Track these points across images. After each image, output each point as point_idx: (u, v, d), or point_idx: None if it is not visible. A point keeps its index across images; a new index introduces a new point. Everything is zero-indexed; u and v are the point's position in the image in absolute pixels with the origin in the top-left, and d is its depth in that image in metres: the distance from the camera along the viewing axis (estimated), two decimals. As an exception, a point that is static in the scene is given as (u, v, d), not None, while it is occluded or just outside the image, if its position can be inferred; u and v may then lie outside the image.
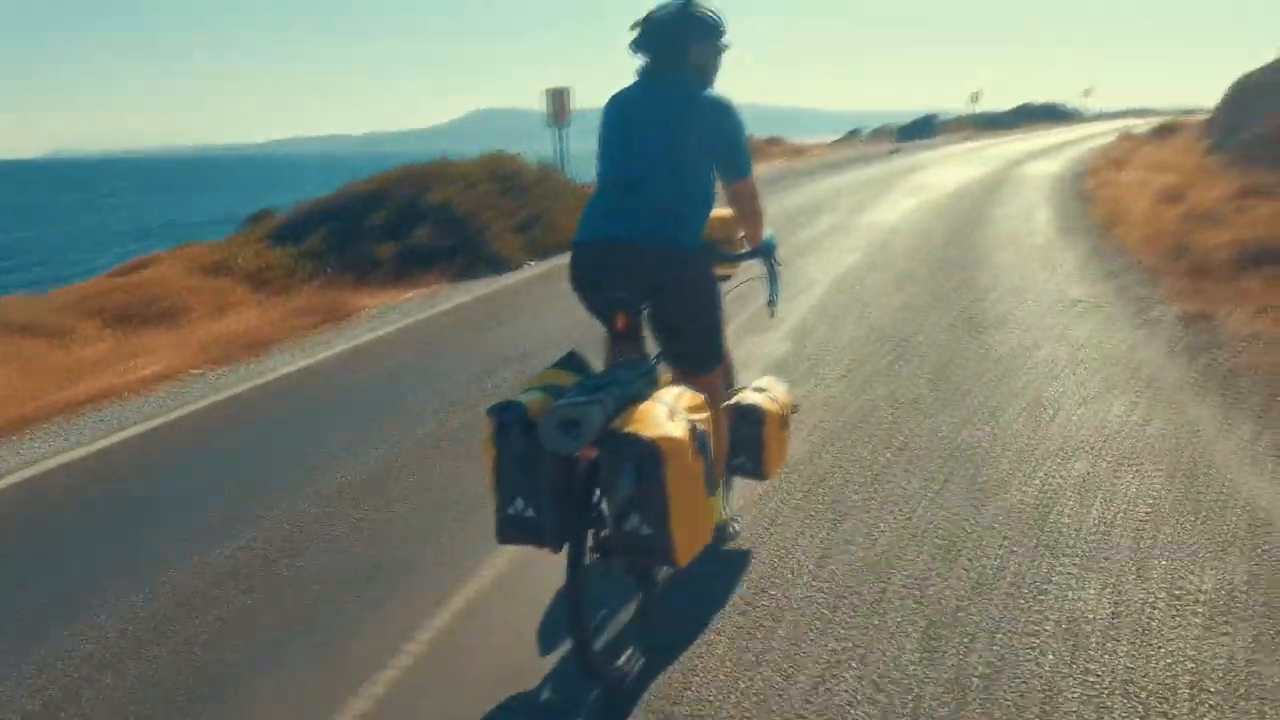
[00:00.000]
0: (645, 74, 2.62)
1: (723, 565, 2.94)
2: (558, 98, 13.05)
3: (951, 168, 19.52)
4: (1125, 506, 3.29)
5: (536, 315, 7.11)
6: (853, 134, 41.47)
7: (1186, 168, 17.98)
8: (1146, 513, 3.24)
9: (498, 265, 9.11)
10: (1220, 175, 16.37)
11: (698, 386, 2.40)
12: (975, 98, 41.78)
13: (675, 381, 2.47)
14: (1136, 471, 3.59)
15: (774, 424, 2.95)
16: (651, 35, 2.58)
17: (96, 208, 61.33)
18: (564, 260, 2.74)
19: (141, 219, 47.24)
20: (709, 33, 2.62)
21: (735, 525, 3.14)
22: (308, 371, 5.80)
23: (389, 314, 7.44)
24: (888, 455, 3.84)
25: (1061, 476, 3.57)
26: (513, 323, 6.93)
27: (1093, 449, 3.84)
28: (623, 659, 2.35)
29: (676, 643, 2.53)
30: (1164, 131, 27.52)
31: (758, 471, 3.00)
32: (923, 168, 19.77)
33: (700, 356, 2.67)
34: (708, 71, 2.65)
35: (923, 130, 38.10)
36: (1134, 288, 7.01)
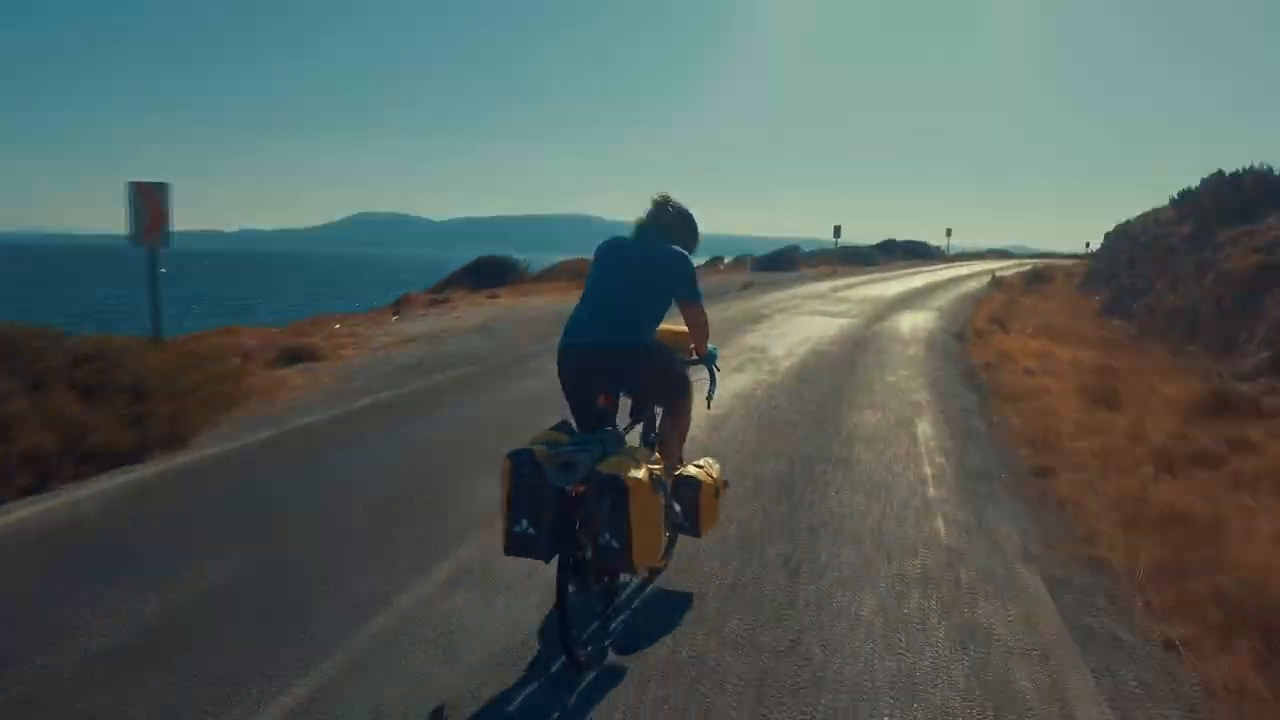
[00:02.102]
0: (637, 231, 3.81)
1: None
2: (146, 199, 7.66)
3: (805, 319, 15.40)
4: None
5: None
6: (714, 260, 38.37)
7: (1090, 337, 14.43)
8: None
9: None
10: (1139, 352, 12.81)
11: (675, 413, 3.81)
12: (838, 231, 39.66)
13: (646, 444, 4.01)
14: None
15: (708, 492, 3.78)
16: (651, 214, 3.83)
17: None
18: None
19: None
20: (687, 225, 3.91)
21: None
22: None
23: None
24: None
25: None
26: None
27: None
28: (590, 647, 3.28)
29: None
30: (1038, 281, 25.18)
31: (694, 529, 3.76)
32: (769, 316, 15.59)
33: (674, 390, 3.78)
34: (677, 237, 3.82)
35: (783, 261, 35.24)
36: None
